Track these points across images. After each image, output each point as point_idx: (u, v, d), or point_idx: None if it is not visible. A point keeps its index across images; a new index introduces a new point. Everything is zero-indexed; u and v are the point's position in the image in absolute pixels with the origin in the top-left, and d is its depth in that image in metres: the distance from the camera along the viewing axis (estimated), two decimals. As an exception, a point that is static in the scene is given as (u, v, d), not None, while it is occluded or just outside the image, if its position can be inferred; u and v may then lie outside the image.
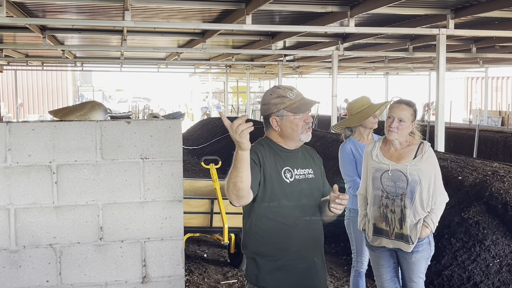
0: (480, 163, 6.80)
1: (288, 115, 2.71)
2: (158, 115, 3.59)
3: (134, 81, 48.56)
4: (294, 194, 2.72)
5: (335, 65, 12.78)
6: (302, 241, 2.75)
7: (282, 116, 2.72)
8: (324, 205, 2.81)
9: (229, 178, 2.47)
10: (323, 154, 9.17)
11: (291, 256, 2.73)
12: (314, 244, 2.82)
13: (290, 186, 2.70)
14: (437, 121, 8.97)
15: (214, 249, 6.81)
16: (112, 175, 3.23)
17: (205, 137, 18.07)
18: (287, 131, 2.72)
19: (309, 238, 2.78)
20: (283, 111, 2.71)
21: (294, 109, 2.70)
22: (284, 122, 2.72)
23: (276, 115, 2.73)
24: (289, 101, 2.71)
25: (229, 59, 17.65)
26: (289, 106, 2.71)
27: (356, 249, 4.38)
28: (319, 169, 2.92)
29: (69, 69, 26.52)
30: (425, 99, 26.09)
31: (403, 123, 3.63)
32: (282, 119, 2.72)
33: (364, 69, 23.96)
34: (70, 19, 10.22)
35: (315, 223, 2.82)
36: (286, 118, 2.71)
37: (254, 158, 2.66)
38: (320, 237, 2.87)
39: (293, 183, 2.71)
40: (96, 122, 3.22)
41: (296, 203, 2.73)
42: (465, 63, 19.35)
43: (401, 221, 3.63)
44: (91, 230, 3.23)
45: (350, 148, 4.35)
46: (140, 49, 15.07)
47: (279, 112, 2.72)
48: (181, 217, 3.33)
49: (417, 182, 3.57)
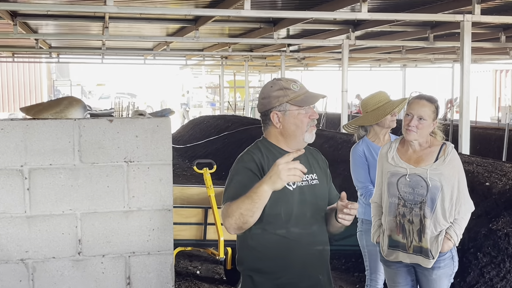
0: (510, 167, 6.80)
1: (292, 109, 2.69)
2: (145, 112, 3.59)
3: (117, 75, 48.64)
4: (297, 203, 2.71)
5: (345, 56, 12.79)
6: (305, 256, 2.74)
7: (285, 111, 2.69)
8: (330, 215, 2.80)
9: (237, 207, 2.44)
10: (332, 157, 9.20)
11: (293, 273, 2.71)
12: (319, 259, 2.81)
13: (292, 194, 2.69)
14: (462, 120, 8.97)
15: (208, 265, 6.80)
16: (92, 180, 3.22)
17: (198, 138, 18.07)
18: (290, 128, 2.70)
19: (314, 253, 2.77)
20: (286, 104, 2.69)
21: (298, 102, 2.68)
22: (287, 118, 2.70)
23: (278, 109, 2.70)
24: (293, 94, 2.69)
25: (225, 49, 17.66)
26: (293, 99, 2.69)
27: (370, 265, 4.38)
28: (325, 173, 2.90)
29: (44, 61, 26.51)
30: (448, 95, 26.10)
31: (423, 121, 3.63)
32: (284, 114, 2.70)
33: (379, 60, 23.98)
34: (44, 4, 10.21)
35: (320, 236, 2.81)
36: (289, 113, 2.69)
37: (252, 168, 2.64)
38: (326, 251, 2.86)
39: (295, 191, 2.69)
40: (74, 121, 3.22)
41: (299, 214, 2.72)
42: (493, 53, 19.37)
43: (420, 232, 3.63)
44: (68, 243, 3.22)
45: (363, 150, 4.35)
46: (124, 38, 15.07)
47: (281, 106, 2.69)
48: (170, 229, 3.33)
49: (439, 188, 3.57)
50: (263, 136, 2.81)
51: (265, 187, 2.40)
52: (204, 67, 30.96)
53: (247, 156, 2.70)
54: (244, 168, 2.65)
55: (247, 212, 2.43)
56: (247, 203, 2.43)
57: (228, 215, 2.48)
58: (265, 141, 2.78)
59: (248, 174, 2.63)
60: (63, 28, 14.05)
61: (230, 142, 15.13)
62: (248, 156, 2.69)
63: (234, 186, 2.61)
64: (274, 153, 2.72)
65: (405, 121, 3.68)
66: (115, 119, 3.27)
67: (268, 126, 2.77)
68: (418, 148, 3.70)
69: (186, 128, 21.12)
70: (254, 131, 14.04)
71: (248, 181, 2.60)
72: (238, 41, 14.06)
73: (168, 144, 3.32)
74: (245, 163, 2.67)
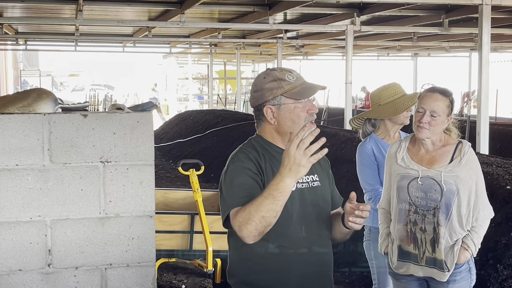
0: (534, 169, 6.82)
1: (288, 102, 2.68)
2: (123, 106, 3.59)
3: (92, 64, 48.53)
4: (297, 208, 2.71)
5: (349, 43, 12.80)
6: (306, 268, 2.74)
7: (279, 105, 2.69)
8: (336, 221, 2.80)
9: (256, 210, 2.43)
10: (335, 157, 9.19)
11: (291, 287, 2.72)
12: (321, 272, 2.81)
13: (291, 197, 2.68)
14: (480, 115, 9.00)
15: (194, 278, 6.81)
16: (64, 183, 3.21)
17: (183, 135, 18.08)
18: (286, 124, 2.70)
19: (315, 264, 2.78)
20: (281, 97, 2.68)
21: (294, 94, 2.68)
22: (282, 112, 2.69)
23: (272, 103, 2.69)
24: (288, 85, 2.69)
25: (214, 35, 17.65)
26: (289, 91, 2.68)
27: (378, 278, 4.39)
28: (327, 174, 2.90)
29: (9, 48, 26.45)
30: (465, 88, 26.20)
31: (437, 117, 3.63)
32: (279, 109, 2.69)
33: (387, 49, 24.03)
34: (10, -16, 10.20)
35: (323, 245, 2.82)
36: (284, 107, 2.69)
37: (251, 168, 2.64)
38: (329, 262, 2.86)
39: (295, 194, 2.68)
40: (44, 116, 3.21)
41: (299, 219, 2.72)
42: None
43: (434, 242, 3.64)
44: (36, 253, 3.21)
45: (372, 148, 4.34)
46: (100, 23, 15.05)
47: (275, 100, 2.69)
48: (152, 238, 3.32)
49: (454, 192, 3.58)
50: (257, 133, 2.81)
51: (288, 180, 2.39)
52: (191, 55, 30.97)
53: (242, 155, 2.69)
54: (243, 169, 2.64)
55: (270, 213, 2.43)
56: (268, 203, 2.42)
57: (245, 222, 2.45)
58: (260, 138, 2.78)
59: (249, 174, 2.63)
60: (31, 11, 14.02)
61: (219, 140, 15.13)
62: (243, 155, 2.69)
63: (238, 190, 2.59)
64: (271, 152, 2.72)
65: (416, 117, 3.68)
66: (89, 114, 3.26)
67: (262, 122, 2.77)
68: (431, 148, 3.70)
69: (170, 125, 21.11)
70: (247, 127, 14.05)
71: (251, 182, 2.61)
72: (229, 26, 14.07)
73: (150, 143, 3.31)
74: (242, 162, 2.66)
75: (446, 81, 24.16)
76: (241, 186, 2.60)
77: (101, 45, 22.68)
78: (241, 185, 2.60)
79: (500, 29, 14.47)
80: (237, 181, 2.62)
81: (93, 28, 17.52)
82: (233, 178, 2.64)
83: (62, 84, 44.25)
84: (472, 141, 7.03)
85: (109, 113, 3.31)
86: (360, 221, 2.61)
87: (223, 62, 33.32)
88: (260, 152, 2.71)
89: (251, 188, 2.57)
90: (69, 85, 42.94)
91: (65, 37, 19.18)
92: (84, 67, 47.44)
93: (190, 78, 35.47)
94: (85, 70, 47.04)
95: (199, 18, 14.89)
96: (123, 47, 22.19)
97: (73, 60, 49.69)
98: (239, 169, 2.64)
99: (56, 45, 23.20)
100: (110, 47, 23.18)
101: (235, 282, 2.77)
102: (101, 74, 47.50)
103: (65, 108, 4.37)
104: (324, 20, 14.30)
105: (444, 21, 13.31)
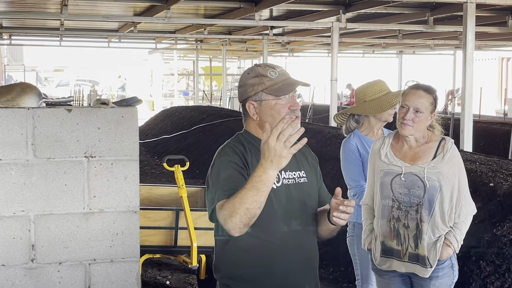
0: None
1: (268, 98, 2.70)
2: (108, 101, 3.58)
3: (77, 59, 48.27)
4: (283, 204, 2.72)
5: (335, 41, 12.83)
6: (291, 263, 2.75)
7: (261, 101, 2.71)
8: (322, 217, 2.82)
9: (240, 202, 2.44)
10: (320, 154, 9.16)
11: (276, 282, 2.73)
12: (306, 267, 2.83)
13: (277, 193, 2.70)
14: (464, 113, 9.05)
15: (179, 274, 6.80)
16: (48, 178, 3.20)
17: (168, 131, 18.04)
18: (266, 120, 2.70)
19: (300, 259, 2.79)
20: (262, 93, 2.70)
21: (275, 91, 2.70)
22: (263, 108, 2.71)
23: (254, 99, 2.72)
24: (269, 82, 2.71)
25: (200, 31, 17.62)
26: (269, 87, 2.70)
27: (361, 274, 4.41)
28: (314, 171, 2.92)
29: (-7, 43, 26.24)
30: (449, 85, 26.32)
31: (420, 114, 3.65)
32: (260, 105, 2.71)
33: (372, 46, 24.08)
34: (-6, -22, 10.12)
35: (308, 241, 2.83)
36: (265, 103, 2.71)
37: (237, 161, 2.65)
38: (314, 258, 2.88)
39: (280, 189, 2.71)
40: (28, 110, 3.20)
41: (285, 215, 2.73)
42: (499, 39, 19.56)
43: (417, 238, 3.66)
44: (20, 249, 3.20)
45: (356, 144, 4.35)
46: (85, 18, 14.97)
47: (257, 96, 2.71)
48: (137, 233, 3.32)
49: (437, 189, 3.60)
50: (244, 129, 2.83)
51: (270, 172, 2.40)
52: (176, 51, 30.85)
53: (229, 149, 2.71)
54: (229, 162, 2.66)
55: (254, 204, 2.44)
56: (252, 195, 2.43)
57: (230, 214, 2.47)
58: (246, 133, 2.80)
59: (235, 168, 2.64)
60: (16, 5, 13.91)
61: (205, 136, 15.11)
62: (229, 149, 2.71)
63: (225, 182, 2.60)
64: (257, 146, 2.73)
65: (400, 113, 3.69)
66: (74, 109, 3.25)
67: (247, 118, 2.80)
68: (414, 144, 3.72)
69: (155, 120, 21.06)
70: (233, 123, 14.04)
71: (237, 175, 2.62)
72: (215, 22, 14.04)
73: (135, 138, 3.31)
74: (228, 156, 2.68)
75: (431, 78, 24.25)
76: (227, 179, 2.61)
77: (86, 41, 22.55)
78: (227, 179, 2.61)
79: (485, 27, 14.55)
80: (224, 175, 2.63)
81: (78, 23, 17.41)
82: (219, 171, 2.65)
83: (47, 79, 44.04)
84: (456, 139, 7.06)
85: (94, 108, 3.30)
86: (345, 217, 2.63)
87: (209, 58, 33.23)
88: (246, 147, 2.73)
89: (237, 181, 2.58)
90: (54, 80, 42.72)
91: (50, 32, 19.06)
92: (69, 63, 47.23)
93: (176, 74, 35.36)
94: (70, 65, 46.82)
95: (184, 13, 14.86)
96: (108, 43, 22.07)
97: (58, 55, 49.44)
98: (225, 163, 2.66)
99: (41, 40, 23.04)
100: (95, 42, 23.06)
101: (221, 276, 2.78)
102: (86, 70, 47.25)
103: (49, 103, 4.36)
104: (310, 17, 14.31)
105: (429, 19, 13.37)
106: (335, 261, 6.67)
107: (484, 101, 22.11)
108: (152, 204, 6.55)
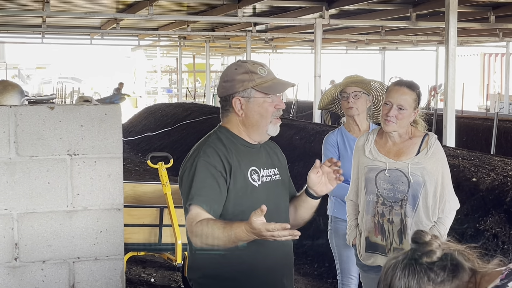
0: (499, 162, 6.92)
1: (257, 96, 2.70)
2: (91, 99, 3.56)
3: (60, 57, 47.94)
4: (262, 201, 2.72)
5: (318, 37, 12.85)
6: (270, 260, 2.77)
7: (249, 97, 2.70)
8: (299, 201, 2.87)
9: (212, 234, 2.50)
10: (303, 150, 9.24)
11: (257, 279, 2.74)
12: (285, 262, 2.86)
13: (258, 191, 2.71)
14: (446, 109, 9.10)
15: (163, 271, 6.79)
16: (31, 176, 3.19)
17: (152, 128, 18.00)
18: (253, 118, 2.71)
19: (280, 255, 2.82)
20: (251, 90, 2.70)
21: (265, 88, 2.70)
22: (250, 105, 2.71)
23: (242, 95, 2.71)
24: (260, 79, 2.71)
25: (183, 28, 17.57)
26: (260, 84, 2.70)
27: (341, 267, 4.42)
28: (285, 169, 2.97)
29: (-26, 40, 26.05)
30: (432, 81, 26.46)
31: (404, 111, 3.66)
32: (248, 101, 2.71)
33: (355, 42, 24.16)
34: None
35: None
36: (254, 100, 2.70)
37: (217, 165, 2.65)
38: (290, 253, 2.92)
39: (261, 188, 2.73)
40: (9, 108, 3.18)
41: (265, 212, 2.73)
42: (482, 35, 19.68)
43: (401, 233, 3.68)
44: (3, 247, 3.18)
45: (336, 140, 4.38)
46: (67, 15, 14.87)
47: (245, 92, 2.70)
48: (121, 231, 3.31)
49: (421, 184, 3.62)
50: (221, 125, 2.81)
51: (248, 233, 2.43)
52: (160, 48, 30.75)
53: (209, 150, 2.69)
54: (208, 164, 2.65)
55: (220, 243, 2.52)
56: (223, 238, 2.50)
57: (197, 234, 2.55)
58: (226, 130, 2.79)
59: (212, 172, 2.63)
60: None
61: (189, 133, 15.09)
62: (210, 150, 2.69)
63: (201, 186, 2.61)
64: (237, 145, 2.73)
65: (384, 110, 3.70)
66: (56, 106, 3.24)
67: (229, 113, 2.78)
68: (398, 140, 3.73)
69: (139, 118, 20.99)
70: (216, 120, 13.85)
71: (213, 183, 2.62)
72: (198, 19, 14.01)
73: (118, 135, 3.30)
74: (208, 157, 2.66)
75: (414, 74, 24.37)
76: (203, 183, 2.62)
77: (68, 38, 22.45)
78: (203, 182, 2.62)
79: (467, 23, 14.62)
80: (200, 177, 2.63)
81: (61, 20, 17.32)
82: (196, 172, 2.64)
83: (29, 77, 43.69)
84: (439, 134, 7.09)
85: (77, 105, 3.29)
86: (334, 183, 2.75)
87: (192, 55, 33.19)
88: (227, 147, 2.72)
89: (210, 190, 2.61)
90: (36, 78, 42.43)
91: (32, 29, 18.95)
92: (51, 60, 46.91)
93: (159, 71, 35.27)
94: (52, 63, 46.52)
95: (167, 10, 14.81)
96: (90, 40, 21.99)
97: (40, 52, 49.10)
98: (203, 165, 2.65)
99: (23, 37, 22.90)
100: (78, 39, 22.97)
101: (200, 276, 2.77)
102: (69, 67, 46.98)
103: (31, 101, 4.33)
104: (293, 14, 14.32)
105: (411, 15, 13.42)
106: (320, 257, 6.69)
107: (466, 97, 22.27)
108: (136, 201, 6.54)
